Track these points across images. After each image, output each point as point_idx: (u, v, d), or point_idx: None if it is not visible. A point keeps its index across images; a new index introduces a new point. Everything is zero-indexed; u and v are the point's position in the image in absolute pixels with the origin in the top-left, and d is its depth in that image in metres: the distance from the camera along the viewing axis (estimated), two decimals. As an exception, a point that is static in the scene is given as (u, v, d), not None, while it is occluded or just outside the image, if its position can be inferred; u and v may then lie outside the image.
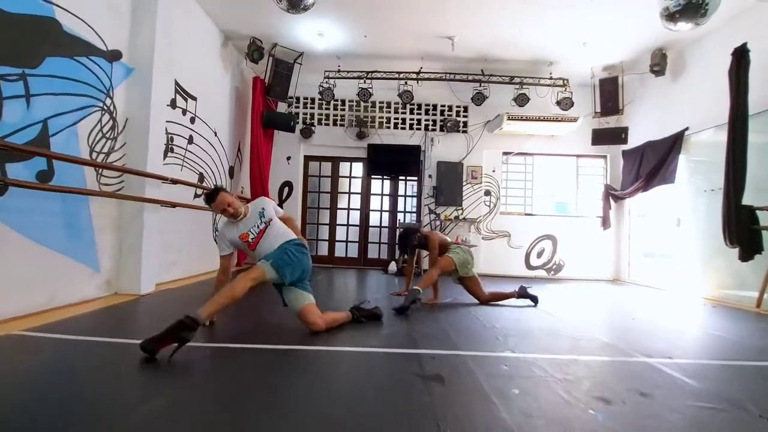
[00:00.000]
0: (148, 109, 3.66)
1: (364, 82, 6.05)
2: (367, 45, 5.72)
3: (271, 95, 6.00)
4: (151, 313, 3.07)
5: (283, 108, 6.53)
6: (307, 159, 7.01)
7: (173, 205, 3.99)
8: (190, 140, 4.77)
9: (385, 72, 6.10)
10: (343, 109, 6.87)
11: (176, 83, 4.43)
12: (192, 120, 4.80)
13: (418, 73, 6.09)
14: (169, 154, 4.31)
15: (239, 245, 2.62)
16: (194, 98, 4.82)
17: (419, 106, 6.86)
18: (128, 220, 3.60)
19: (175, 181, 3.98)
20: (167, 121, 4.22)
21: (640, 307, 4.28)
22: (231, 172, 5.98)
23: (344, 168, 7.04)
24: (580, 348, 2.51)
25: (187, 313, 2.00)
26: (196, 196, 4.95)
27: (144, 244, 3.61)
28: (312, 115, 6.89)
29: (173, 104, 4.38)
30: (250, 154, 6.03)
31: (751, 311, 4.06)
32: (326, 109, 6.86)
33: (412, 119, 6.88)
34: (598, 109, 6.28)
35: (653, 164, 5.64)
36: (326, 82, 6.09)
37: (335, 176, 7.03)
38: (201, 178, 5.06)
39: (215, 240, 3.76)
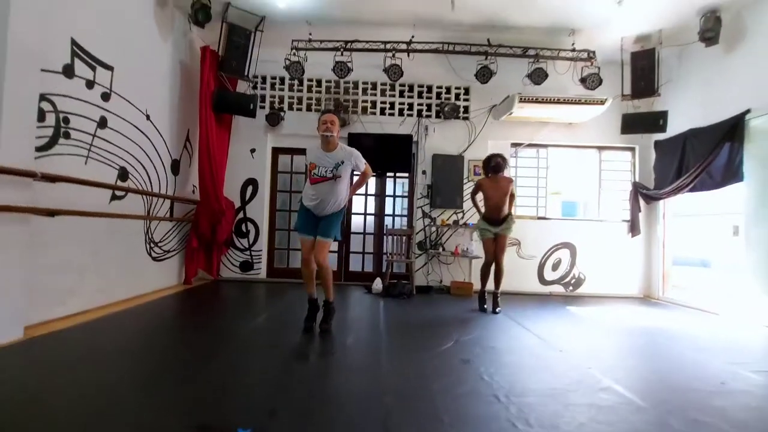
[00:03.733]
0: (2, 67, 2.44)
1: (341, 55, 4.85)
2: (344, 7, 4.53)
3: (226, 71, 4.80)
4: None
5: (244, 88, 5.32)
6: (276, 151, 5.80)
7: (51, 213, 2.77)
8: (102, 123, 3.55)
9: (367, 42, 4.91)
10: (318, 91, 5.66)
11: (74, 43, 3.21)
12: (105, 96, 3.58)
13: (408, 43, 4.90)
14: (61, 140, 3.09)
15: (313, 163, 3.05)
16: (109, 68, 3.60)
17: (411, 88, 5.68)
18: (-31, 238, 2.39)
19: (52, 179, 2.76)
20: (55, 95, 3.01)
21: (710, 350, 3.15)
22: (175, 168, 4.76)
23: (321, 162, 5.85)
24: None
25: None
26: (115, 197, 3.75)
27: (-5, 273, 2.41)
28: (281, 98, 5.68)
29: (69, 72, 3.16)
30: (199, 144, 4.81)
31: None
32: (298, 90, 5.65)
33: (403, 103, 5.70)
34: (628, 91, 5.15)
35: (702, 157, 4.52)
36: (294, 55, 4.89)
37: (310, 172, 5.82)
38: (123, 174, 3.85)
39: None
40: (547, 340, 3.16)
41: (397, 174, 5.82)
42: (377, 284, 5.00)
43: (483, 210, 4.30)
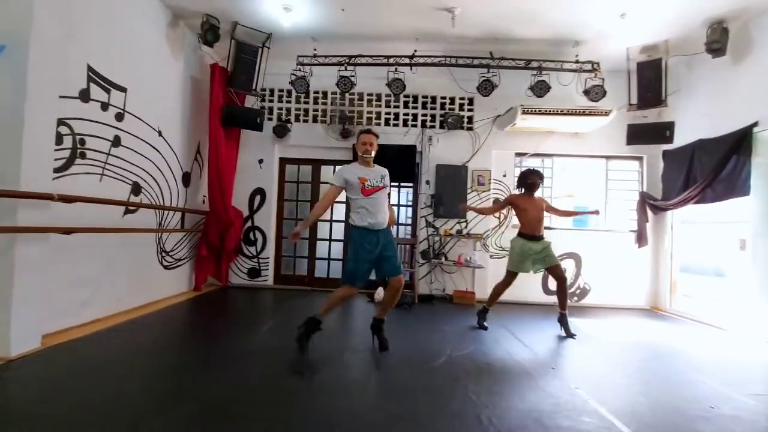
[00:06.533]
0: (22, 102, 2.63)
1: (345, 69, 4.96)
2: (348, 23, 4.64)
3: (234, 86, 4.96)
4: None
5: (253, 102, 5.48)
6: (283, 162, 5.95)
7: (67, 231, 2.96)
8: (116, 142, 3.75)
9: (371, 56, 5.00)
10: (325, 103, 5.79)
11: (90, 69, 3.40)
12: (119, 117, 3.78)
13: (411, 57, 4.98)
14: (77, 161, 3.29)
15: (354, 184, 3.02)
16: (122, 89, 3.80)
17: (415, 99, 5.75)
18: (-9, 257, 2.59)
19: (69, 200, 2.94)
20: (72, 119, 3.21)
21: (708, 370, 3.14)
22: (186, 179, 4.96)
23: (326, 172, 5.97)
24: None
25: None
26: (128, 212, 3.95)
27: (15, 289, 2.60)
28: (288, 110, 5.83)
29: (85, 96, 3.36)
30: (209, 158, 5.00)
31: None
32: (305, 102, 5.79)
33: (407, 114, 5.78)
34: (635, 101, 5.10)
35: (710, 169, 4.45)
36: (300, 70, 5.02)
37: (316, 182, 5.96)
38: (136, 189, 4.05)
39: (331, 181, 3.17)
40: (541, 356, 3.19)
41: (402, 184, 5.90)
42: (379, 293, 5.08)
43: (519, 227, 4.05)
